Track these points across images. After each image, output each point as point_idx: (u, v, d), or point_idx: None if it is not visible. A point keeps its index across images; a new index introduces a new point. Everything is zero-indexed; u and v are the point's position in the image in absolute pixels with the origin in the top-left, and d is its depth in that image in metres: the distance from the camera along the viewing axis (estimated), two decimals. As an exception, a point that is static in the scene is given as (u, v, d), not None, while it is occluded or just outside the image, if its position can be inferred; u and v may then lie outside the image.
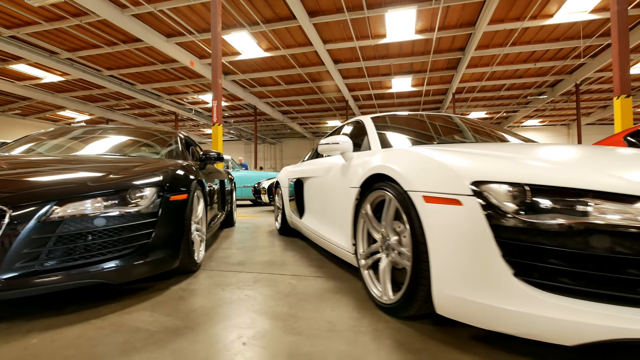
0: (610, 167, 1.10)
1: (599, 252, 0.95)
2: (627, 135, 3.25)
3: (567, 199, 1.01)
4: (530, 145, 1.63)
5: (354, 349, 1.18)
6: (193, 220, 2.28)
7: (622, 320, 0.90)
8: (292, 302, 1.68)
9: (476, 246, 1.08)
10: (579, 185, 1.01)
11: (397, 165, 1.44)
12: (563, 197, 1.01)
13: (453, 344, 1.22)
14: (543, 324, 0.97)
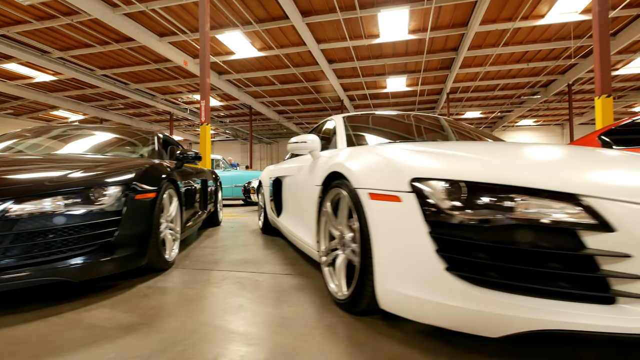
0: (544, 165, 1.12)
1: (523, 246, 0.98)
2: (601, 135, 3.28)
3: (495, 195, 1.03)
4: (485, 144, 1.65)
5: (299, 343, 1.20)
6: (165, 219, 2.30)
7: (542, 312, 0.93)
8: (253, 298, 1.70)
9: (413, 241, 1.10)
10: (508, 182, 1.03)
11: (349, 163, 1.47)
12: (493, 194, 1.04)
13: (397, 338, 1.24)
14: (471, 316, 1.00)
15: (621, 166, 1.16)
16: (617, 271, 0.92)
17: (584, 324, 0.91)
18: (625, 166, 1.16)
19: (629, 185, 1.00)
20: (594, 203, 0.95)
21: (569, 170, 1.08)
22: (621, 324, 0.89)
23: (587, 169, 1.10)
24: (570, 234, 0.95)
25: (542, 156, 1.25)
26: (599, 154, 1.37)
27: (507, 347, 1.16)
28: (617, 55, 12.43)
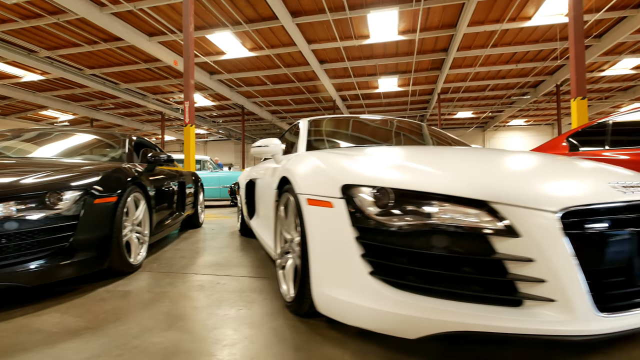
0: (466, 172, 1.15)
1: (440, 251, 1.01)
2: (569, 137, 3.34)
3: (416, 202, 1.06)
4: (425, 150, 1.65)
5: (237, 345, 1.23)
6: (130, 223, 2.31)
7: (455, 315, 0.96)
8: (209, 302, 1.72)
9: (342, 246, 1.13)
10: (427, 189, 1.06)
11: (294, 168, 1.50)
12: (413, 201, 1.07)
13: (335, 339, 1.27)
14: (391, 319, 1.03)
15: (534, 173, 1.20)
16: (523, 275, 0.96)
17: (493, 325, 0.95)
18: (537, 173, 1.20)
19: (533, 192, 1.04)
20: (502, 209, 0.99)
21: (485, 177, 1.11)
22: (527, 325, 0.93)
23: (502, 176, 1.13)
24: (481, 239, 0.99)
25: (469, 163, 1.28)
26: (523, 159, 1.40)
27: (435, 348, 1.19)
28: (603, 57, 12.59)
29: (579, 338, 0.91)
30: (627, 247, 0.99)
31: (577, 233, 0.96)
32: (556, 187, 1.06)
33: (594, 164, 1.40)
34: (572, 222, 0.97)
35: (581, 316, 0.91)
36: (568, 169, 1.25)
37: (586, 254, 0.95)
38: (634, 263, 0.99)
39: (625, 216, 1.01)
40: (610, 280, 0.97)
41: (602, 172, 1.24)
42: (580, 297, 0.92)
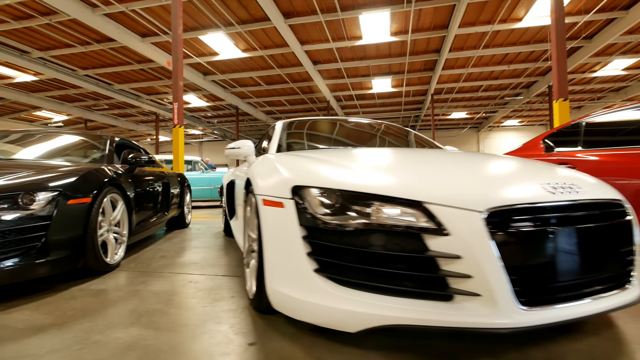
0: (406, 173, 1.20)
1: (378, 249, 1.06)
2: (545, 138, 3.41)
3: (357, 202, 1.12)
4: (379, 152, 1.69)
5: (185, 339, 1.28)
6: (107, 223, 2.35)
7: (391, 309, 1.02)
8: (174, 299, 1.77)
9: (291, 244, 1.18)
10: (368, 190, 1.11)
11: (256, 170, 1.55)
12: (355, 201, 1.12)
13: (288, 334, 1.32)
14: (333, 313, 1.08)
15: (471, 175, 1.25)
16: (452, 271, 1.01)
17: (426, 319, 1.00)
18: (473, 174, 1.25)
19: (462, 193, 1.09)
20: (434, 209, 1.04)
21: (422, 179, 1.17)
22: (456, 319, 0.99)
23: (438, 178, 1.18)
24: (415, 237, 1.04)
25: (414, 165, 1.34)
26: (467, 161, 1.46)
27: (383, 341, 1.24)
28: (594, 58, 12.72)
29: (501, 330, 0.96)
30: (551, 245, 1.04)
31: (501, 232, 1.02)
32: (486, 188, 1.11)
33: (534, 165, 1.46)
34: (498, 221, 1.02)
35: (504, 310, 0.97)
36: (505, 171, 1.30)
37: (510, 252, 1.01)
38: (557, 260, 1.04)
39: (550, 215, 1.06)
40: (533, 276, 1.03)
41: (537, 173, 1.29)
42: (503, 291, 0.97)
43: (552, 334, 1.29)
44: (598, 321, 1.41)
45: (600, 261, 1.11)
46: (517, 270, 1.01)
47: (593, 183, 1.30)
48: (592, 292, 1.08)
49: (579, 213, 1.10)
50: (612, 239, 1.14)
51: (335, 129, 2.58)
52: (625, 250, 1.18)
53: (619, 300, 1.12)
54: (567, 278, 1.05)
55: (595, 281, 1.10)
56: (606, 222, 1.13)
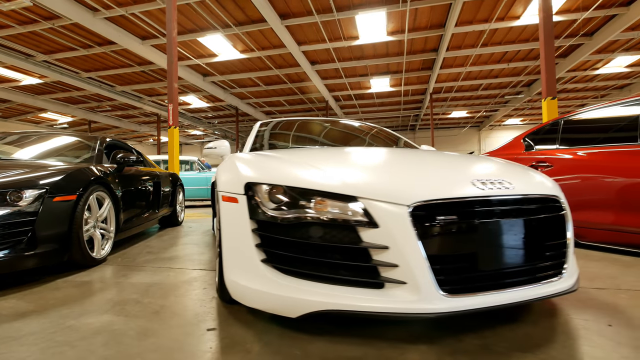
0: (349, 170, 1.29)
1: (318, 241, 1.16)
2: (525, 136, 3.47)
3: (300, 197, 1.21)
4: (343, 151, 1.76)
5: (151, 325, 1.38)
6: (94, 220, 2.47)
7: (327, 296, 1.11)
8: (150, 290, 1.88)
9: (243, 237, 1.28)
10: (311, 186, 1.21)
11: (220, 168, 1.65)
12: (298, 197, 1.22)
13: (246, 321, 1.42)
14: (277, 300, 1.18)
15: (405, 170, 1.33)
16: (382, 260, 1.10)
17: (358, 305, 1.09)
18: (408, 170, 1.33)
19: (392, 187, 1.17)
20: (367, 203, 1.13)
21: (360, 175, 1.25)
22: (385, 305, 1.08)
23: (374, 174, 1.26)
24: (350, 229, 1.13)
25: (359, 162, 1.42)
26: (408, 158, 1.54)
27: (327, 327, 1.33)
28: (596, 55, 12.65)
29: (424, 315, 1.05)
30: (473, 237, 1.13)
31: (425, 224, 1.10)
32: (415, 184, 1.19)
33: (475, 162, 1.54)
34: (422, 214, 1.11)
35: (426, 296, 1.06)
36: (442, 167, 1.39)
37: (432, 243, 1.10)
38: (478, 251, 1.13)
39: (473, 209, 1.15)
40: (455, 266, 1.11)
41: (470, 168, 1.38)
42: (425, 279, 1.06)
43: (491, 322, 1.37)
44: (541, 311, 1.49)
45: (528, 252, 1.19)
46: (440, 260, 1.09)
47: (530, 179, 1.38)
48: (518, 282, 1.16)
49: (505, 207, 1.18)
50: (540, 231, 1.22)
51: (308, 129, 2.68)
52: (556, 242, 1.26)
53: (549, 289, 1.20)
54: (489, 268, 1.13)
55: (521, 271, 1.18)
56: (534, 215, 1.21)
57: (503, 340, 1.21)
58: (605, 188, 2.63)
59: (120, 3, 8.91)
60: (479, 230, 1.13)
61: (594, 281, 1.91)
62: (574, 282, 1.27)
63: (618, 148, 2.65)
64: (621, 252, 2.61)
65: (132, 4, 8.97)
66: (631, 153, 2.54)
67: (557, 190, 1.38)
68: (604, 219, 2.66)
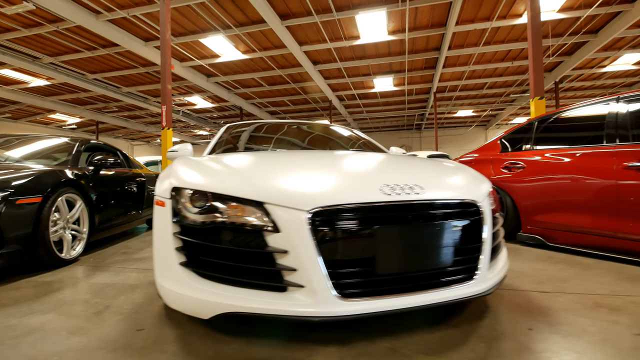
0: (263, 176, 1.31)
1: (227, 245, 1.19)
2: (502, 138, 3.42)
3: (215, 203, 1.24)
4: (278, 155, 1.80)
5: (86, 325, 1.43)
6: (63, 221, 2.55)
7: (234, 299, 1.14)
8: (104, 290, 1.94)
9: (166, 240, 1.31)
10: (226, 192, 1.23)
11: (162, 172, 1.69)
12: (214, 201, 1.24)
13: (177, 322, 1.46)
14: (192, 302, 1.21)
15: (316, 175, 1.34)
16: (282, 264, 1.12)
17: (263, 308, 1.12)
18: (318, 175, 1.35)
19: (294, 193, 1.19)
20: (271, 209, 1.15)
21: (270, 180, 1.27)
22: (287, 308, 1.10)
23: (283, 179, 1.28)
24: (256, 234, 1.16)
25: (279, 167, 1.45)
26: (334, 162, 1.55)
27: (245, 329, 1.36)
28: (602, 53, 12.36)
29: (320, 319, 1.07)
30: (372, 242, 1.14)
31: (322, 229, 1.12)
32: (319, 189, 1.21)
33: (395, 164, 1.55)
34: (321, 220, 1.12)
35: (322, 300, 1.07)
36: (355, 170, 1.40)
37: (329, 248, 1.11)
38: (377, 256, 1.14)
39: (372, 215, 1.15)
40: (352, 270, 1.13)
41: (385, 173, 1.38)
42: (321, 284, 1.08)
43: (415, 324, 1.38)
44: (470, 314, 1.49)
45: (433, 257, 1.20)
46: (336, 264, 1.11)
47: (448, 184, 1.38)
48: (421, 286, 1.17)
49: (410, 213, 1.19)
50: (448, 237, 1.22)
51: (265, 133, 2.71)
52: (467, 247, 1.26)
53: (455, 293, 1.20)
54: (389, 272, 1.14)
55: (424, 276, 1.18)
56: (441, 221, 1.22)
57: (414, 343, 1.22)
58: (569, 190, 2.60)
59: (122, 5, 9.08)
60: (379, 236, 1.14)
61: (544, 284, 1.89)
62: (487, 287, 1.27)
63: (582, 150, 2.61)
64: (586, 255, 2.56)
65: (134, 6, 9.13)
66: (593, 155, 2.50)
67: (479, 194, 1.37)
68: (569, 220, 2.62)
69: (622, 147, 2.36)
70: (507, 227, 3.10)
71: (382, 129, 26.86)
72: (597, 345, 1.20)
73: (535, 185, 2.85)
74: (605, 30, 10.66)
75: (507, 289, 1.82)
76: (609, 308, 1.52)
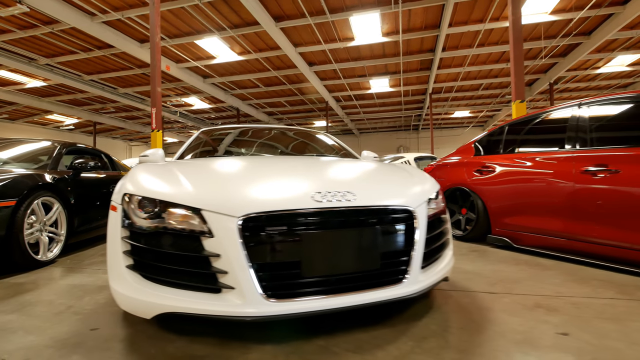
0: (204, 183, 1.39)
1: (167, 249, 1.25)
2: (476, 142, 3.48)
3: (159, 209, 1.30)
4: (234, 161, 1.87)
5: (43, 324, 1.50)
6: (40, 223, 2.62)
7: (173, 300, 1.22)
8: (72, 291, 2.00)
9: (115, 243, 1.38)
10: (168, 199, 1.30)
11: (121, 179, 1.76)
12: (156, 207, 1.31)
13: (130, 323, 1.52)
14: (135, 303, 1.28)
15: (251, 182, 1.41)
16: (216, 267, 1.19)
17: (199, 308, 1.19)
18: (254, 182, 1.41)
19: (227, 200, 1.26)
20: (207, 215, 1.22)
21: (207, 187, 1.34)
22: (221, 308, 1.17)
23: (219, 186, 1.36)
24: (194, 239, 1.22)
25: (223, 174, 1.52)
26: (272, 169, 1.63)
27: (206, 331, 1.43)
28: (595, 54, 12.41)
29: (249, 318, 1.14)
30: (299, 247, 1.20)
31: (251, 235, 1.19)
32: (251, 196, 1.28)
33: (335, 170, 1.61)
34: (251, 225, 1.19)
35: (251, 301, 1.14)
36: (293, 177, 1.48)
37: (258, 252, 1.18)
38: (304, 259, 1.21)
39: (299, 221, 1.22)
40: (280, 273, 1.19)
41: (321, 179, 1.45)
42: (249, 285, 1.15)
43: (354, 323, 1.44)
44: (412, 314, 1.54)
45: (360, 261, 1.26)
46: (265, 267, 1.18)
47: (383, 191, 1.45)
48: (348, 288, 1.23)
49: (338, 219, 1.25)
50: (377, 241, 1.29)
51: (233, 139, 2.78)
52: (397, 251, 1.32)
53: (382, 295, 1.27)
54: (316, 275, 1.21)
55: (352, 278, 1.25)
56: (369, 226, 1.28)
57: (347, 342, 1.29)
58: (534, 193, 2.66)
59: (116, 7, 9.16)
60: (306, 241, 1.21)
61: (495, 285, 1.95)
62: (417, 289, 1.33)
63: (545, 154, 2.67)
64: (549, 257, 2.62)
65: (128, 8, 9.21)
66: (555, 159, 2.56)
67: (413, 200, 1.43)
68: (533, 223, 2.68)
69: (580, 152, 2.42)
70: (479, 229, 3.16)
71: (380, 129, 26.91)
72: (516, 345, 1.26)
73: (502, 189, 2.91)
74: (598, 32, 10.71)
75: (457, 290, 1.88)
76: (546, 309, 1.58)
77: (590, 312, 1.54)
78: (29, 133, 20.32)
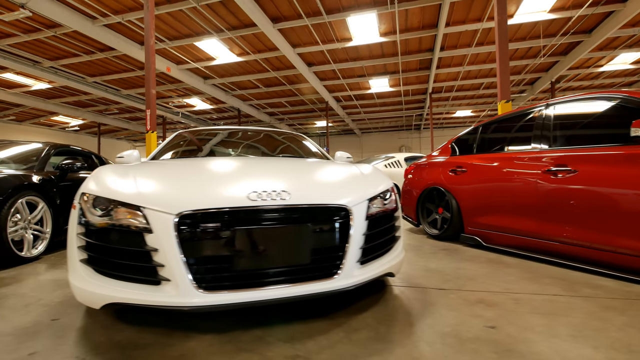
0: (149, 181, 1.48)
1: (113, 244, 1.35)
2: (452, 142, 3.53)
3: (105, 206, 1.40)
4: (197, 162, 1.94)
5: (10, 314, 1.61)
6: (25, 222, 2.74)
7: (117, 291, 1.31)
8: (46, 285, 2.12)
9: (72, 239, 1.48)
10: (116, 198, 1.39)
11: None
12: (107, 205, 1.40)
13: (90, 314, 1.62)
14: (86, 294, 1.37)
15: (194, 182, 1.49)
16: (154, 260, 1.28)
17: (138, 299, 1.28)
18: (197, 182, 1.50)
19: (166, 198, 1.35)
20: (147, 212, 1.31)
21: (151, 185, 1.44)
22: (159, 299, 1.26)
23: (160, 185, 1.45)
24: (136, 234, 1.31)
25: (174, 174, 1.62)
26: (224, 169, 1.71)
27: (157, 320, 1.52)
28: (597, 52, 12.29)
29: (182, 309, 1.23)
30: (230, 242, 1.29)
31: (186, 230, 1.27)
32: (189, 194, 1.37)
33: (277, 171, 1.70)
34: (186, 222, 1.28)
35: (184, 292, 1.23)
36: (235, 176, 1.57)
37: (191, 247, 1.27)
38: (235, 254, 1.29)
39: (231, 218, 1.30)
40: (212, 266, 1.28)
41: (260, 179, 1.53)
42: (182, 278, 1.24)
43: (299, 316, 1.52)
44: (357, 308, 1.62)
45: (291, 256, 1.34)
46: (197, 261, 1.27)
47: (321, 191, 1.53)
48: (279, 281, 1.31)
49: (269, 215, 1.34)
50: (309, 238, 1.37)
51: (206, 140, 2.88)
52: (329, 247, 1.40)
53: (312, 288, 1.34)
54: (247, 268, 1.29)
55: (283, 272, 1.33)
56: (300, 224, 1.36)
57: (282, 333, 1.37)
58: (502, 193, 2.70)
59: (116, 11, 9.34)
60: (238, 237, 1.30)
61: (449, 282, 2.01)
62: (350, 283, 1.40)
63: (513, 154, 2.72)
64: (515, 255, 2.66)
65: (128, 11, 9.38)
66: (522, 159, 2.61)
67: (350, 199, 1.50)
68: (501, 222, 2.73)
69: (544, 152, 2.46)
70: (453, 228, 3.21)
71: (382, 129, 26.89)
72: (440, 336, 1.32)
73: (474, 188, 2.96)
74: (599, 29, 10.61)
75: (410, 286, 1.95)
76: (487, 304, 1.64)
77: (527, 307, 1.59)
78: (36, 134, 20.75)
